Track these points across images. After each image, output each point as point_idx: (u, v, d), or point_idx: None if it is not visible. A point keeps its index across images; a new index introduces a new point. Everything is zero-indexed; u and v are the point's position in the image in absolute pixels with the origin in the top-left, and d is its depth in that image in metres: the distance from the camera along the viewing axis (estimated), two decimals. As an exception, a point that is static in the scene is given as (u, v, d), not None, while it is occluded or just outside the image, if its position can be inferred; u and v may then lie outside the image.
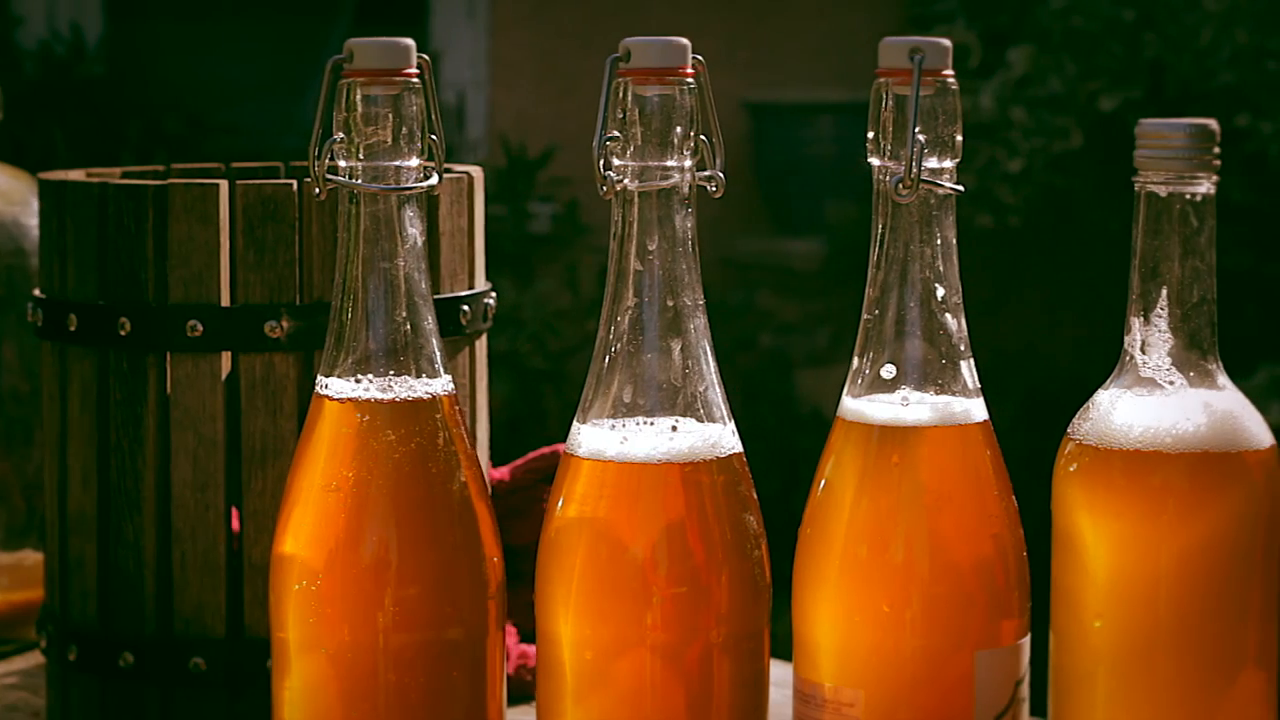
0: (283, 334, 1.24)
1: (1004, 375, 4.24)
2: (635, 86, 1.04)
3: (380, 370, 1.06)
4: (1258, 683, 1.07)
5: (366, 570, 1.04)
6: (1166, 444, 1.05)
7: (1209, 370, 1.08)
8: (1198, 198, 1.07)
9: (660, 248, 1.06)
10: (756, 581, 1.06)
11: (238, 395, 1.25)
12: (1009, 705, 1.07)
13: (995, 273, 4.42)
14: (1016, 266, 4.41)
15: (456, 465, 1.06)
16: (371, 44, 1.06)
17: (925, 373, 1.08)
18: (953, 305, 1.09)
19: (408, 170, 1.06)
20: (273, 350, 1.25)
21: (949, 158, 1.07)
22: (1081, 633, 1.07)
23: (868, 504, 1.06)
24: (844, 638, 1.06)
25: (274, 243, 1.25)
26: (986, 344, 4.64)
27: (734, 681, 1.05)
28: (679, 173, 1.05)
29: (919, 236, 1.08)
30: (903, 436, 1.07)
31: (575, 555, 1.04)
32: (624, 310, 1.06)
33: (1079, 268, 4.32)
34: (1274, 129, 3.83)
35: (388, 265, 1.06)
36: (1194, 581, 1.05)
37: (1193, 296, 1.07)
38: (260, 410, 1.25)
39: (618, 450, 1.04)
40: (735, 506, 1.05)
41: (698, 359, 1.06)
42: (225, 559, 1.25)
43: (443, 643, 1.06)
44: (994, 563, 1.07)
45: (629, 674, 1.03)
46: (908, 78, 1.05)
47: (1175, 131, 1.05)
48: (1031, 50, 3.99)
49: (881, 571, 1.06)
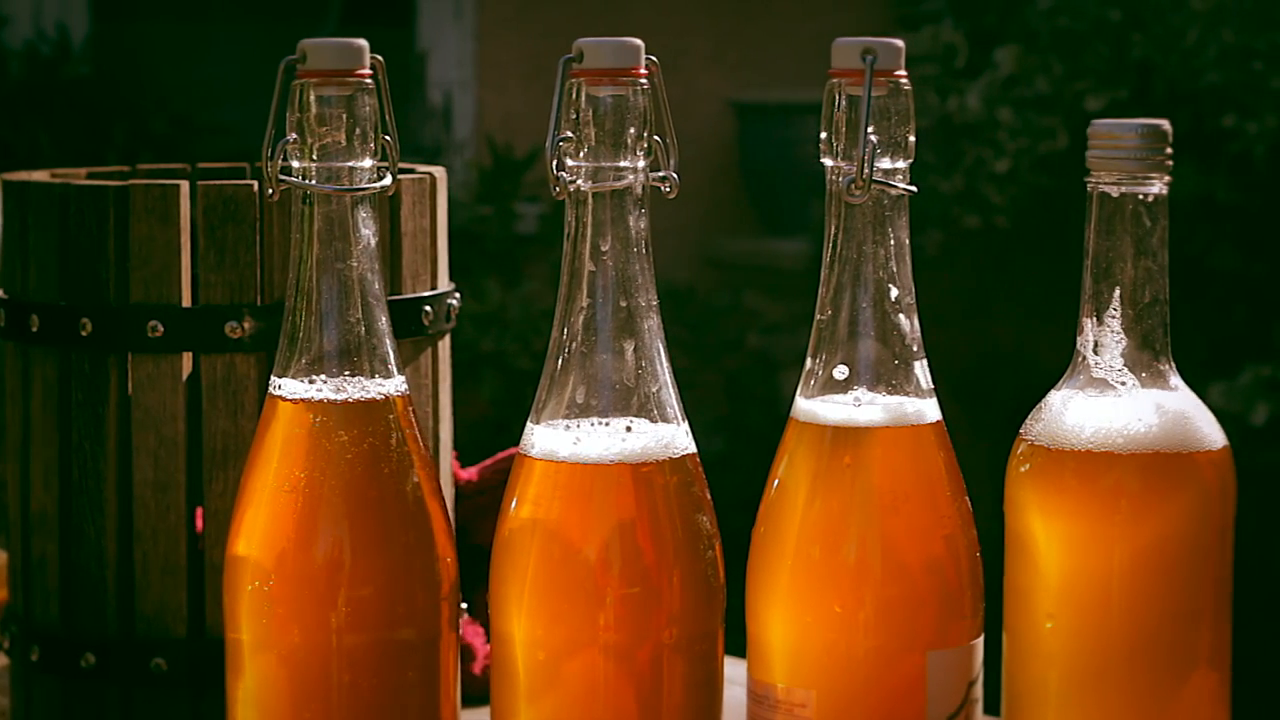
0: (244, 334, 1.24)
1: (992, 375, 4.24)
2: (589, 87, 1.04)
3: (333, 371, 1.06)
4: (1211, 683, 1.07)
5: (319, 571, 1.04)
6: (1118, 445, 1.05)
7: (1161, 371, 1.08)
8: (1150, 198, 1.07)
9: (614, 248, 1.06)
10: (710, 582, 1.06)
11: (199, 396, 1.25)
12: (962, 706, 1.07)
13: (983, 273, 4.42)
14: (1004, 267, 4.40)
15: (410, 466, 1.06)
16: (324, 44, 1.06)
17: (878, 373, 1.08)
18: (906, 306, 1.08)
19: (361, 171, 1.06)
20: (234, 351, 1.25)
21: (902, 158, 1.07)
22: (1034, 634, 1.07)
23: (820, 505, 1.06)
24: (796, 638, 1.06)
25: (235, 243, 1.25)
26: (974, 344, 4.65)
27: (687, 682, 1.05)
28: (632, 173, 1.05)
29: (872, 237, 1.07)
30: (855, 437, 1.07)
31: (528, 556, 1.04)
32: (577, 311, 1.06)
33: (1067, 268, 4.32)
34: (1260, 129, 3.83)
35: (341, 266, 1.06)
36: (1146, 583, 1.05)
37: (1145, 297, 1.07)
38: (221, 411, 1.25)
39: (570, 451, 1.04)
40: (688, 507, 1.05)
41: (651, 359, 1.06)
42: (187, 559, 1.26)
43: (396, 643, 1.06)
44: (946, 563, 1.07)
45: (581, 674, 1.03)
46: (860, 78, 1.05)
47: (1127, 132, 1.05)
48: (1018, 50, 3.98)
49: (833, 572, 1.05)
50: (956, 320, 4.25)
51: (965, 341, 4.15)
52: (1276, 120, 3.85)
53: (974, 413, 4.45)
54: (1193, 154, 3.93)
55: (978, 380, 4.31)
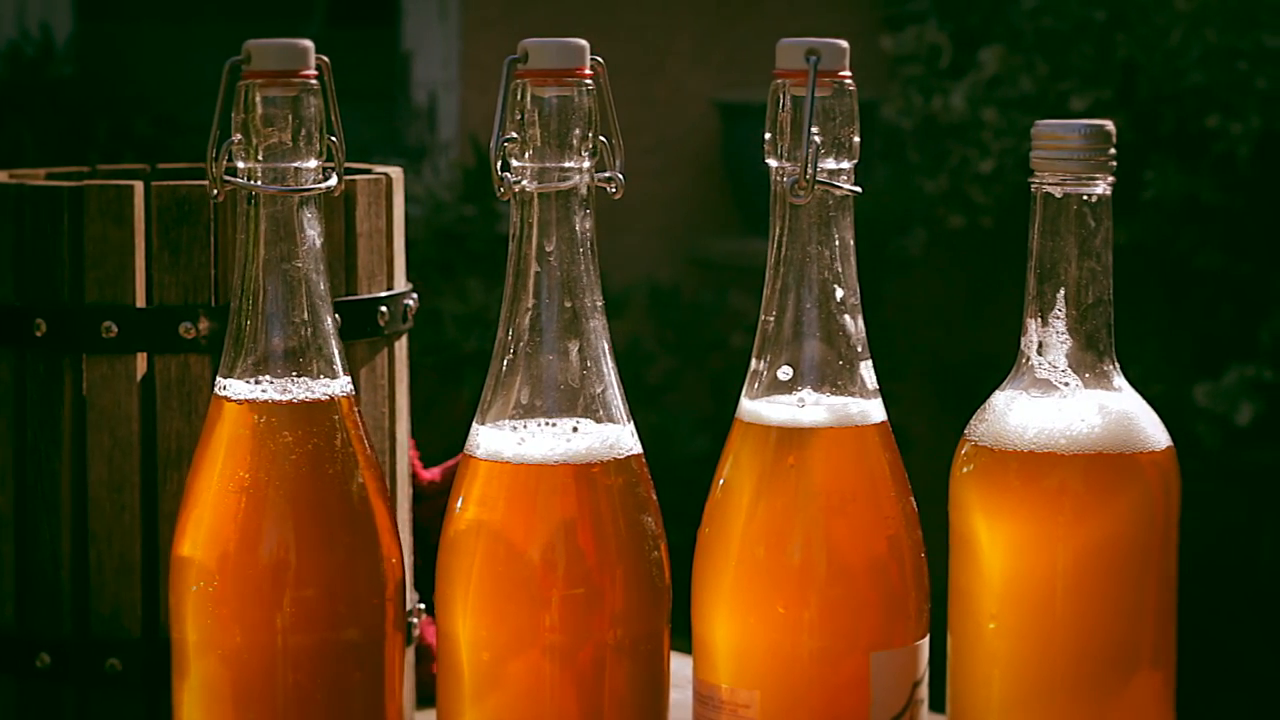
0: (198, 335, 1.24)
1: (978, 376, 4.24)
2: (534, 88, 1.04)
3: (278, 372, 1.06)
4: (1154, 683, 1.06)
5: (263, 572, 1.04)
6: (1061, 445, 1.05)
7: (1105, 372, 1.08)
8: (1094, 199, 1.06)
9: (559, 249, 1.06)
10: (655, 583, 1.06)
11: (153, 396, 1.25)
12: (906, 706, 1.07)
13: (969, 273, 4.42)
14: (990, 266, 4.40)
15: (355, 466, 1.06)
16: (269, 45, 1.06)
17: (823, 374, 1.08)
18: (851, 307, 1.08)
19: (306, 171, 1.06)
20: (188, 351, 1.25)
21: (846, 159, 1.07)
22: (977, 634, 1.07)
23: (764, 506, 1.06)
24: (740, 639, 1.06)
25: (189, 244, 1.25)
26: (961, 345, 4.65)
27: (632, 682, 1.05)
28: (578, 174, 1.05)
29: (817, 238, 1.07)
30: (799, 438, 1.07)
31: (472, 557, 1.04)
32: (523, 312, 1.06)
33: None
34: (1244, 129, 3.83)
35: (287, 267, 1.06)
36: (1089, 583, 1.05)
37: (1089, 298, 1.07)
38: (176, 411, 1.25)
39: (515, 451, 1.05)
40: (633, 508, 1.05)
41: (597, 360, 1.06)
42: (141, 560, 1.25)
43: (340, 644, 1.06)
44: (889, 564, 1.07)
45: (525, 675, 1.03)
46: (804, 79, 1.05)
47: (1070, 133, 1.05)
48: (1002, 51, 3.98)
49: (776, 573, 1.05)
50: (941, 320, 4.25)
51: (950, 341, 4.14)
52: (1260, 120, 3.85)
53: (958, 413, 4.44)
54: (1177, 154, 3.93)
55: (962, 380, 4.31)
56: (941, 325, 4.16)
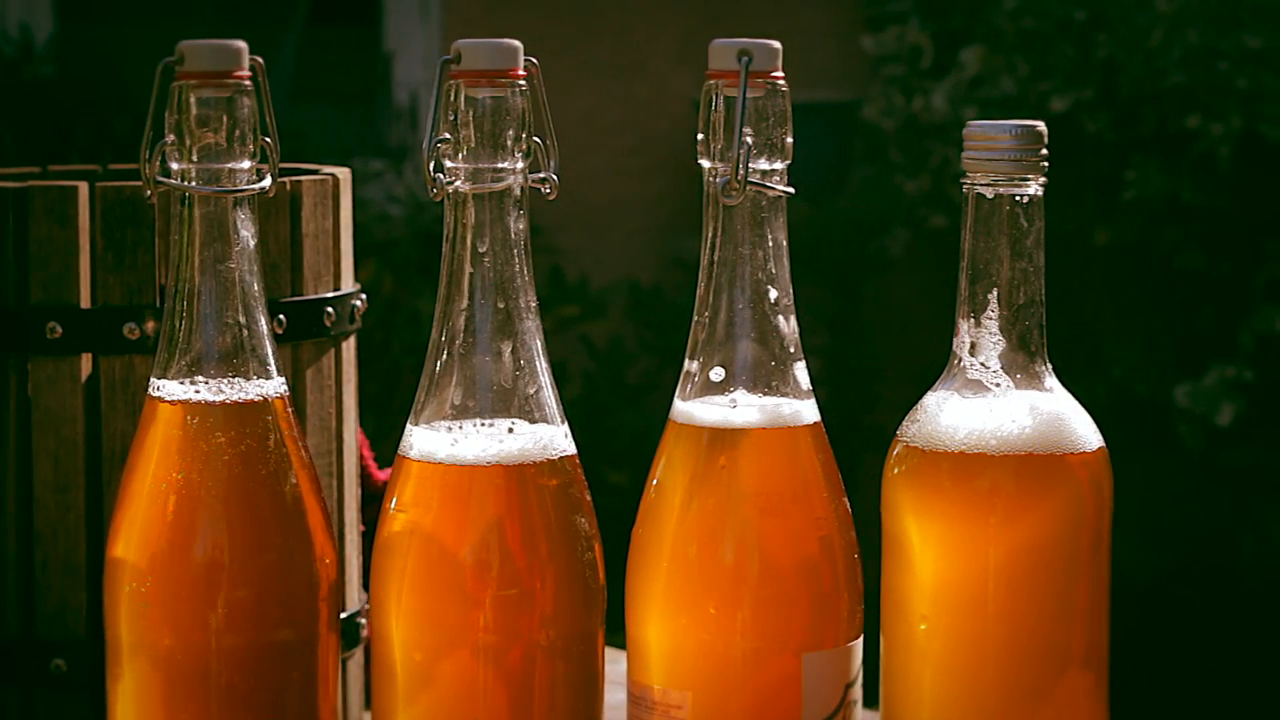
0: (143, 335, 1.24)
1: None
2: (467, 89, 1.04)
3: (212, 372, 1.06)
4: (1086, 683, 1.06)
5: (195, 572, 1.04)
6: (991, 446, 1.05)
7: (1037, 372, 1.08)
8: (1025, 199, 1.06)
9: (493, 250, 1.06)
10: (588, 584, 1.06)
11: (98, 397, 1.25)
12: (839, 707, 1.07)
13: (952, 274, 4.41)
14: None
15: (288, 467, 1.06)
16: (203, 46, 1.06)
17: (756, 375, 1.08)
18: (784, 308, 1.08)
19: (240, 172, 1.06)
20: (133, 352, 1.25)
21: (779, 159, 1.07)
22: (909, 635, 1.06)
23: (696, 506, 1.06)
24: (673, 639, 1.06)
25: (134, 244, 1.25)
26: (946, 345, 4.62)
27: (564, 683, 1.05)
28: (511, 175, 1.05)
29: (750, 239, 1.07)
30: (731, 439, 1.07)
31: (405, 557, 1.04)
32: (456, 312, 1.06)
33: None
34: (1225, 130, 3.83)
35: (221, 267, 1.06)
36: (1020, 584, 1.04)
37: (1021, 298, 1.07)
38: (120, 412, 1.25)
39: (448, 452, 1.05)
40: (565, 509, 1.05)
41: (530, 361, 1.06)
42: (86, 560, 1.25)
43: (273, 644, 1.05)
44: (821, 565, 1.07)
45: (456, 675, 1.03)
46: (737, 80, 1.05)
47: (1002, 133, 1.05)
48: (983, 51, 3.98)
49: (708, 573, 1.05)
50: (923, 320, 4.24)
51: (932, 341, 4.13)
52: (1241, 121, 3.85)
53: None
54: (1158, 154, 3.93)
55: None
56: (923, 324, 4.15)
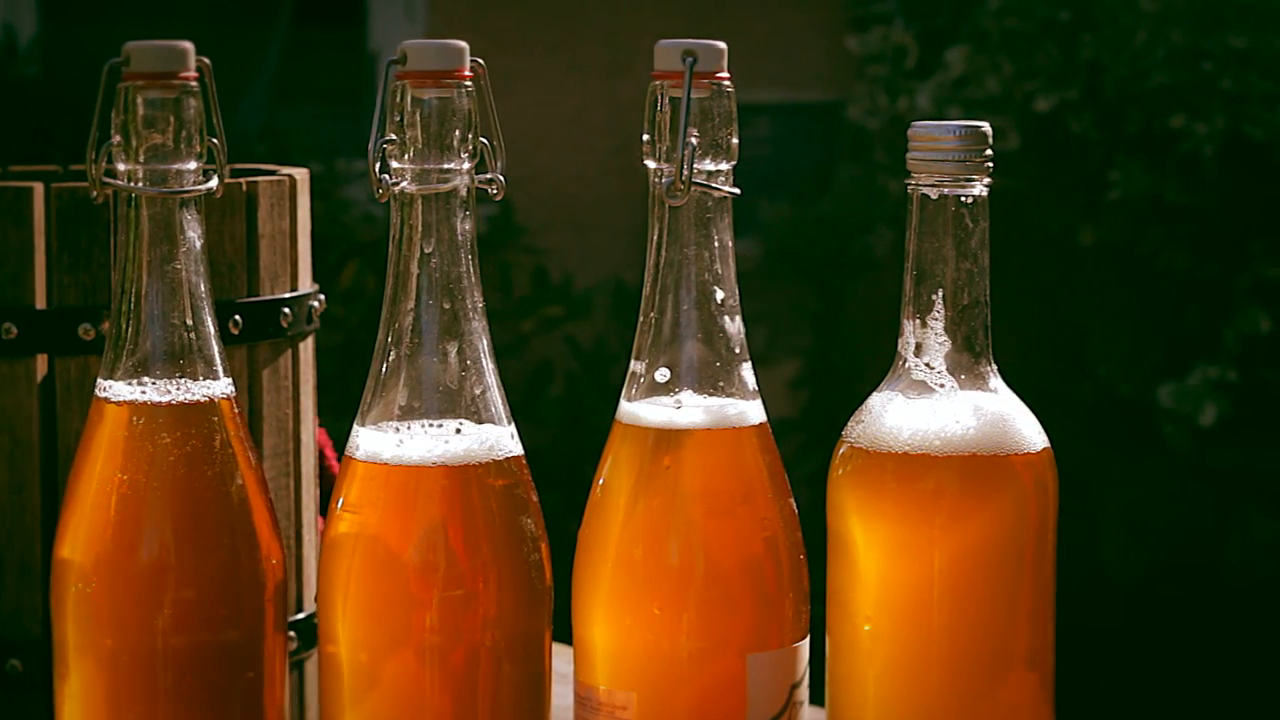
0: (99, 336, 1.24)
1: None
2: (413, 89, 1.04)
3: (158, 373, 1.06)
4: (1030, 684, 1.06)
5: (140, 573, 1.04)
6: (935, 447, 1.05)
7: (982, 373, 1.07)
8: (970, 199, 1.06)
9: (439, 251, 1.06)
10: (534, 585, 1.06)
11: (53, 398, 1.25)
12: (784, 708, 1.07)
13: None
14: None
15: (234, 467, 1.06)
16: (149, 47, 1.06)
17: (701, 376, 1.08)
18: (730, 308, 1.08)
19: (187, 173, 1.06)
20: (88, 353, 1.25)
21: (724, 160, 1.07)
22: (853, 636, 1.06)
23: (641, 507, 1.06)
24: (618, 640, 1.06)
25: (89, 245, 1.25)
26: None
27: (511, 683, 1.05)
28: (458, 176, 1.05)
29: (695, 239, 1.07)
30: (676, 439, 1.06)
31: (351, 558, 1.04)
32: (403, 313, 1.06)
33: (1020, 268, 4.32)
34: (1209, 130, 3.83)
35: (167, 268, 1.06)
36: (963, 585, 1.04)
37: (966, 299, 1.07)
38: (76, 412, 1.25)
39: (393, 453, 1.04)
40: (511, 509, 1.05)
41: (476, 361, 1.06)
42: (42, 561, 1.25)
43: (219, 644, 1.05)
44: (765, 566, 1.06)
45: (401, 676, 1.03)
46: (682, 80, 1.05)
47: (946, 134, 1.05)
48: (968, 51, 3.98)
49: (652, 574, 1.05)
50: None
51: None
52: (1225, 121, 3.85)
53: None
54: (1142, 154, 3.93)
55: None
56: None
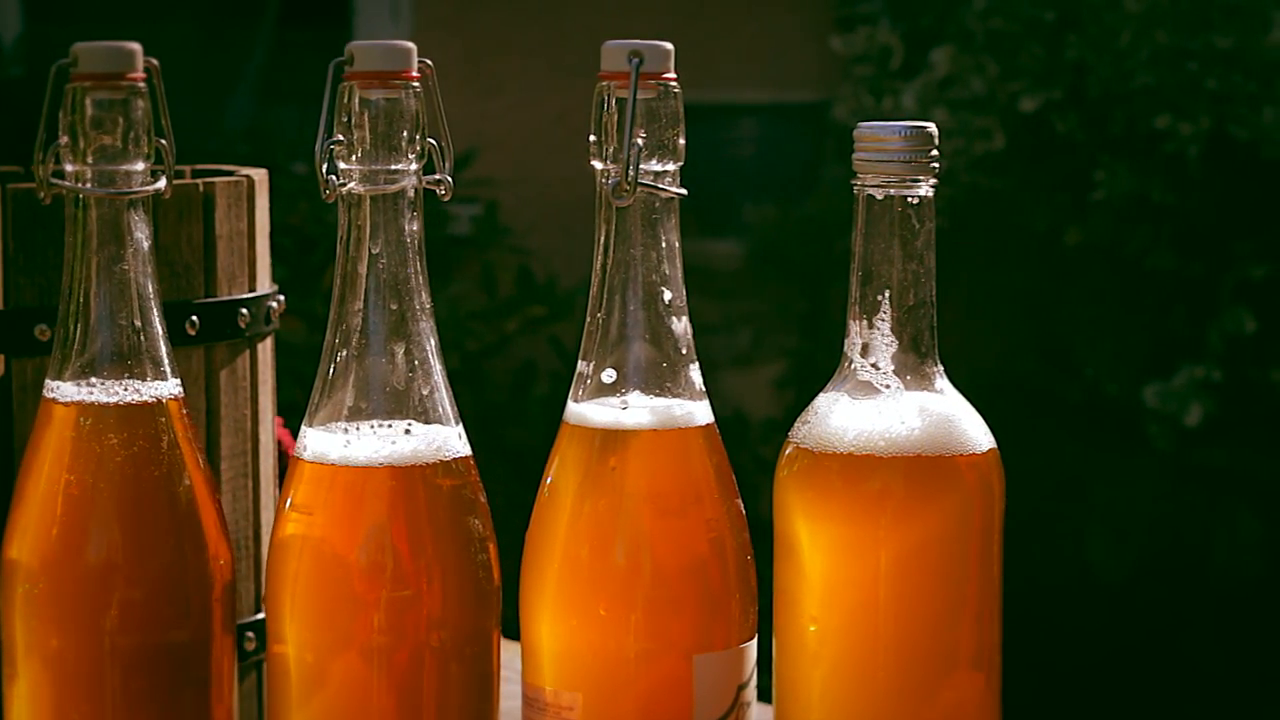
0: (54, 337, 1.24)
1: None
2: (360, 90, 1.04)
3: (106, 374, 1.06)
4: (976, 684, 1.06)
5: (87, 573, 1.04)
6: (880, 448, 1.05)
7: (927, 373, 1.07)
8: (916, 200, 1.06)
9: (386, 251, 1.06)
10: (481, 585, 1.06)
11: (9, 399, 1.25)
12: (731, 709, 1.07)
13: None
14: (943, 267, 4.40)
15: (182, 468, 1.06)
16: (97, 48, 1.06)
17: (648, 377, 1.08)
18: (678, 309, 1.08)
19: (135, 174, 1.06)
20: (44, 354, 1.24)
21: (671, 161, 1.07)
22: (799, 637, 1.06)
23: (587, 508, 1.06)
24: (564, 641, 1.06)
25: (44, 246, 1.25)
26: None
27: (458, 684, 1.05)
28: (405, 176, 1.05)
29: (642, 241, 1.07)
30: (622, 440, 1.06)
31: (298, 558, 1.04)
32: (350, 314, 1.06)
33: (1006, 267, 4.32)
34: (1194, 130, 3.83)
35: (115, 269, 1.06)
36: (908, 586, 1.04)
37: (911, 299, 1.07)
38: (31, 414, 1.24)
39: (340, 454, 1.05)
40: (458, 510, 1.05)
41: (424, 362, 1.06)
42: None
43: (167, 645, 1.06)
44: (711, 566, 1.06)
45: (346, 677, 1.03)
46: (629, 81, 1.05)
47: (891, 134, 1.05)
48: (953, 51, 3.98)
49: (598, 575, 1.05)
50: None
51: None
52: (1210, 121, 3.85)
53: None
54: (1127, 155, 3.93)
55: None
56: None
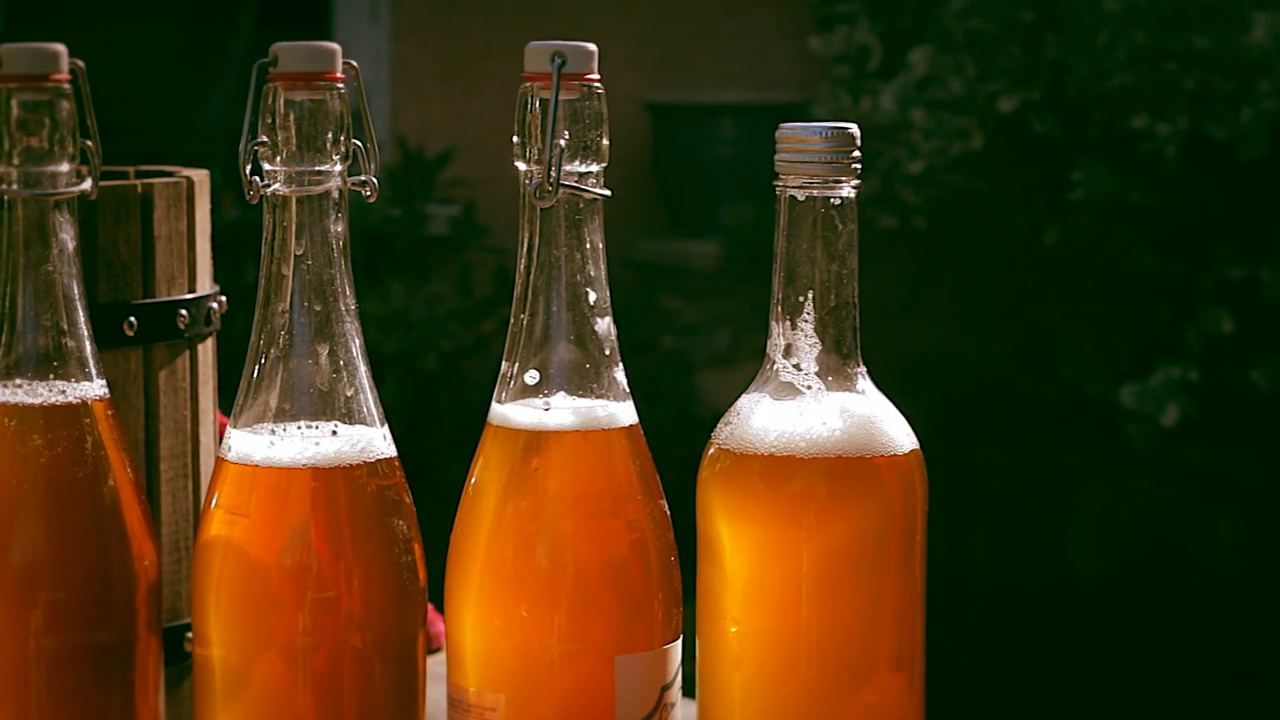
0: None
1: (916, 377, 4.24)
2: (285, 92, 1.04)
3: (31, 375, 1.06)
4: (896, 684, 1.06)
5: (11, 574, 1.04)
6: (800, 449, 1.05)
7: (850, 374, 1.07)
8: (838, 201, 1.06)
9: (311, 252, 1.06)
10: (405, 586, 1.06)
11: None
12: (654, 710, 1.07)
13: (903, 274, 4.42)
14: (924, 267, 4.40)
15: (106, 469, 1.07)
16: (21, 50, 1.06)
17: (571, 378, 1.08)
18: (602, 310, 1.09)
19: (60, 175, 1.06)
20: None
21: (594, 162, 1.07)
22: (721, 638, 1.06)
23: (510, 509, 1.06)
24: (487, 642, 1.06)
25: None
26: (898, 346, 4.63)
27: (383, 685, 1.05)
28: (330, 177, 1.05)
29: (566, 241, 1.07)
30: (544, 441, 1.06)
31: (222, 559, 1.05)
32: (275, 315, 1.06)
33: (986, 267, 4.32)
34: (1172, 130, 3.82)
35: (40, 270, 1.06)
36: (826, 587, 1.04)
37: (834, 300, 1.07)
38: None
39: (264, 455, 1.05)
40: (382, 511, 1.05)
41: (349, 363, 1.07)
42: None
43: (92, 645, 1.06)
44: (633, 567, 1.06)
45: (269, 678, 1.04)
46: (551, 81, 1.05)
47: (813, 135, 1.05)
48: (931, 51, 3.98)
49: (520, 576, 1.05)
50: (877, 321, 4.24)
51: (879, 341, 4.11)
52: (1188, 121, 3.85)
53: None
54: (1105, 155, 3.93)
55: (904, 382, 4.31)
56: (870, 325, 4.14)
